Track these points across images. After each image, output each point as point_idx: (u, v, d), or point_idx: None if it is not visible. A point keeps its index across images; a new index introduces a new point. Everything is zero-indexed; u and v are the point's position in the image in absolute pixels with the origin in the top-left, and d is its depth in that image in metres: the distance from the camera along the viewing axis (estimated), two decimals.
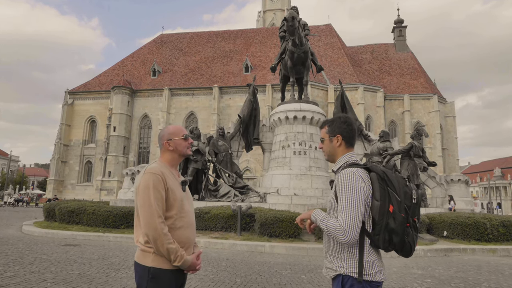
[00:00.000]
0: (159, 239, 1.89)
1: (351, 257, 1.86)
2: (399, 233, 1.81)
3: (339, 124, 2.06)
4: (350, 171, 1.89)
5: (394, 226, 1.80)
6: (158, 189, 1.95)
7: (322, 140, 2.12)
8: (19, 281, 5.05)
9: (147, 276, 1.94)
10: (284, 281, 5.59)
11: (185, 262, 1.96)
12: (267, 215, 9.82)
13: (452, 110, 50.71)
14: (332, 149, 2.07)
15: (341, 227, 1.79)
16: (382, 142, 14.47)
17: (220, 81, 48.74)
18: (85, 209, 11.75)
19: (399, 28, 57.10)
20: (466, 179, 15.43)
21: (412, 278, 6.12)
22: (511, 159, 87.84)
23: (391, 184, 1.86)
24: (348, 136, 2.05)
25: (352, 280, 1.84)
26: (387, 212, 1.81)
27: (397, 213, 1.81)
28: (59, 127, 49.71)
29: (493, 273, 6.79)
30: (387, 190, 1.85)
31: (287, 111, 15.11)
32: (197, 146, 13.49)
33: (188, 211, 2.09)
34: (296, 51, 14.43)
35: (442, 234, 10.58)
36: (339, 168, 2.01)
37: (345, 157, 2.03)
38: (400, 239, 1.82)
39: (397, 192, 1.84)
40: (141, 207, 1.95)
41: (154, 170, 2.00)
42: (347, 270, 1.85)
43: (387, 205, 1.82)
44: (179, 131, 2.17)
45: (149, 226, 1.90)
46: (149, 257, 1.95)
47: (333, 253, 1.92)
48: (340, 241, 1.81)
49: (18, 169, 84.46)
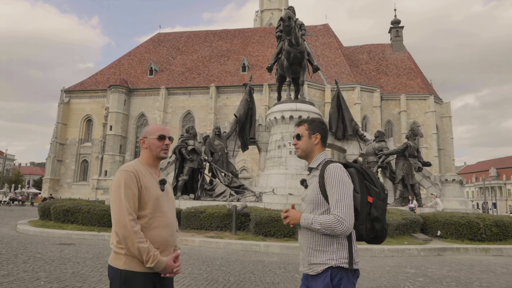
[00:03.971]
0: (129, 238, 1.79)
1: (340, 248, 1.90)
2: (382, 220, 1.96)
3: (318, 124, 2.18)
4: (337, 165, 1.98)
5: (377, 214, 1.96)
6: (130, 187, 1.87)
7: (299, 137, 2.16)
8: (12, 279, 5.05)
9: (119, 279, 1.83)
10: (277, 280, 5.62)
11: (159, 263, 1.84)
12: (262, 215, 9.85)
13: (448, 110, 50.97)
14: (310, 146, 2.15)
15: (336, 219, 1.84)
16: (377, 142, 14.55)
17: (217, 80, 48.72)
18: (80, 208, 11.72)
19: (396, 28, 57.36)
20: (460, 179, 15.53)
21: (404, 277, 6.17)
22: (506, 159, 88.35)
23: (368, 177, 2.03)
24: (324, 136, 2.17)
25: (341, 273, 1.88)
26: (366, 203, 1.96)
27: (377, 202, 1.97)
28: (55, 125, 49.53)
29: (485, 272, 6.85)
30: (364, 183, 2.00)
31: (283, 110, 15.15)
32: (193, 145, 13.50)
33: (165, 211, 2.00)
34: (292, 51, 14.47)
35: (436, 234, 10.65)
36: (319, 164, 2.08)
37: (322, 155, 2.13)
38: (382, 226, 1.96)
39: (375, 184, 2.01)
40: (112, 204, 1.88)
41: (128, 167, 1.94)
42: (338, 262, 1.88)
43: (366, 197, 1.96)
44: (155, 131, 2.06)
45: (119, 223, 1.82)
46: (121, 259, 1.85)
47: (320, 247, 1.93)
48: (337, 232, 1.84)
49: (13, 168, 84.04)
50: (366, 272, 6.54)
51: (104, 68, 54.55)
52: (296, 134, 2.19)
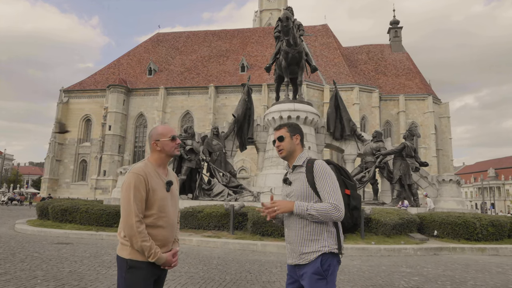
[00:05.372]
0: (134, 237, 2.01)
1: (330, 236, 2.13)
2: (359, 208, 2.24)
3: (297, 126, 2.42)
4: (324, 162, 2.23)
5: (355, 203, 2.23)
6: (139, 190, 2.05)
7: (281, 139, 2.33)
8: (10, 278, 5.07)
9: (125, 267, 2.07)
10: (273, 279, 5.65)
11: (160, 259, 2.08)
12: (259, 214, 9.86)
13: (446, 110, 51.09)
14: (293, 146, 2.34)
15: (333, 206, 2.05)
16: (375, 142, 14.60)
17: (216, 80, 48.75)
18: (78, 207, 11.74)
19: (394, 29, 57.47)
20: (457, 179, 15.57)
21: (400, 276, 6.21)
22: (505, 159, 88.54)
23: (344, 173, 2.32)
24: (302, 137, 2.43)
25: (330, 258, 2.09)
26: (344, 195, 2.19)
27: (354, 192, 2.25)
28: (54, 125, 49.49)
29: (480, 272, 6.89)
30: (341, 178, 2.26)
31: (281, 111, 15.19)
32: (191, 145, 13.53)
33: (169, 212, 2.17)
34: (290, 51, 14.51)
35: (432, 234, 10.70)
36: (303, 162, 2.29)
37: (304, 154, 2.35)
38: (359, 214, 2.24)
39: (350, 178, 2.31)
40: (122, 204, 2.07)
41: (138, 170, 2.10)
42: (329, 248, 2.09)
43: (343, 190, 2.21)
44: (167, 132, 2.23)
45: (126, 223, 2.03)
46: (127, 250, 2.08)
47: (312, 237, 2.11)
48: (333, 218, 2.05)
49: (12, 168, 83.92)
50: (362, 271, 6.58)
51: (103, 68, 54.53)
52: (278, 136, 2.35)
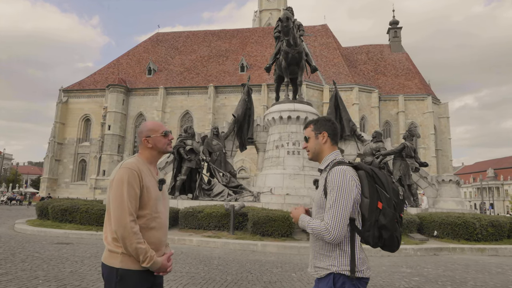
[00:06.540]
0: (128, 238, 1.80)
1: (342, 255, 1.86)
2: (390, 228, 1.83)
3: (324, 122, 2.11)
4: (341, 169, 1.89)
5: (385, 222, 1.82)
6: (133, 186, 1.87)
7: (307, 139, 2.13)
8: (11, 278, 5.07)
9: (115, 277, 1.85)
10: (274, 279, 5.66)
11: (155, 264, 1.88)
12: (259, 214, 9.89)
13: (446, 111, 51.14)
14: (318, 146, 2.09)
15: (325, 227, 1.80)
16: (375, 142, 14.60)
17: (216, 80, 48.75)
18: (78, 207, 11.73)
19: (394, 29, 57.55)
20: (457, 179, 15.60)
21: (400, 277, 6.22)
22: (504, 160, 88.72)
23: (379, 181, 1.89)
24: (333, 133, 2.09)
25: (343, 278, 1.83)
26: (376, 208, 1.84)
27: (386, 209, 1.83)
28: (53, 125, 49.44)
29: (480, 272, 6.91)
30: (375, 187, 1.87)
31: (281, 111, 15.20)
32: (191, 145, 13.53)
33: (161, 212, 2.00)
34: (290, 52, 14.51)
35: (432, 234, 10.71)
36: (327, 166, 2.01)
37: (332, 155, 2.05)
38: (390, 234, 1.84)
39: (386, 189, 1.87)
40: (113, 202, 1.86)
41: (131, 165, 1.92)
42: (339, 268, 1.84)
43: (376, 202, 1.84)
44: (158, 128, 2.07)
45: (118, 223, 1.82)
46: (117, 257, 1.86)
47: (324, 251, 1.90)
48: (326, 240, 1.82)
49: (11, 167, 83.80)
50: None
51: (103, 68, 54.47)
52: (304, 137, 2.15)
